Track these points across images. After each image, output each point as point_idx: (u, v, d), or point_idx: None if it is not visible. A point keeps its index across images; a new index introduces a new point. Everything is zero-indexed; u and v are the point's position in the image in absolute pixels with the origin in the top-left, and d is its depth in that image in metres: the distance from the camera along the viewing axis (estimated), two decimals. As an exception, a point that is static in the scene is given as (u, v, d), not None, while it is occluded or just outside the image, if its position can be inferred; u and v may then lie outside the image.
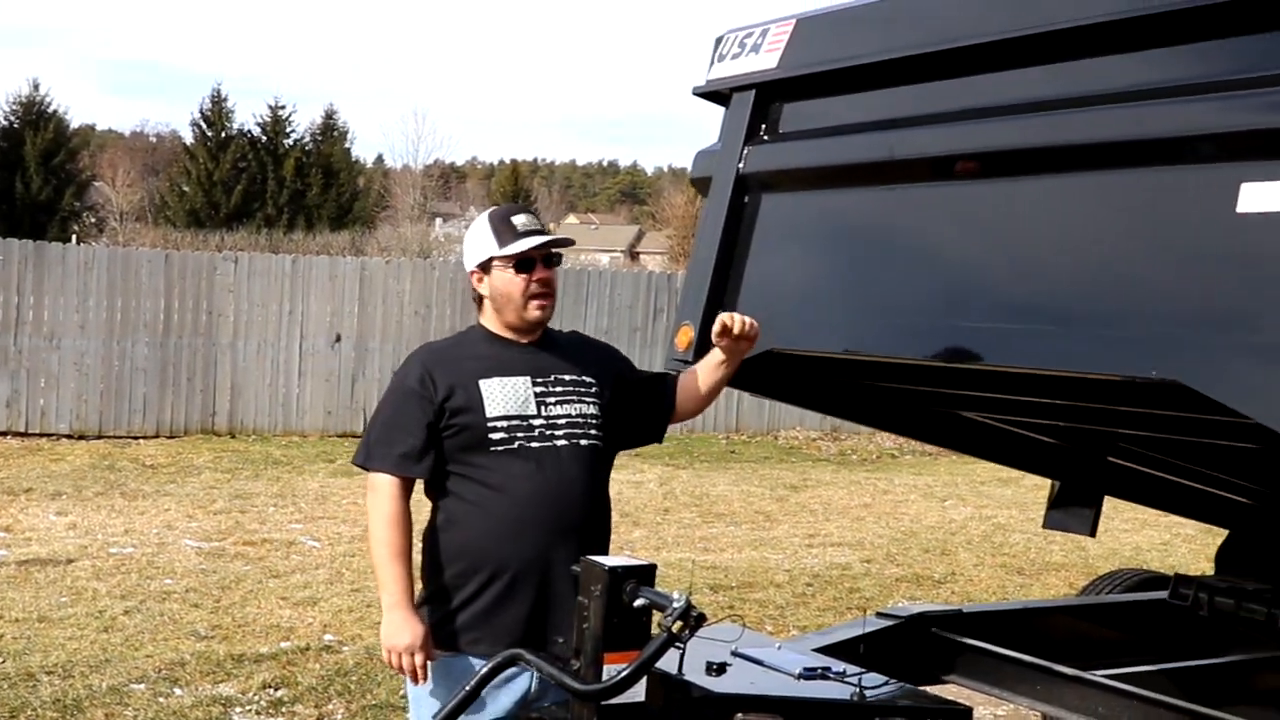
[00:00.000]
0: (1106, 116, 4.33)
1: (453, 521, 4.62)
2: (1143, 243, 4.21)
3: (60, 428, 19.48)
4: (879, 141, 5.14)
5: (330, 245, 40.67)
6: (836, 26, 5.52)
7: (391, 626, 4.52)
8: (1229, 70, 4.06)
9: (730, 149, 5.66)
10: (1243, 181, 3.88)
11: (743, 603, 11.02)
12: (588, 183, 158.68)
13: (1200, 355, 3.94)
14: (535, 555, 4.50)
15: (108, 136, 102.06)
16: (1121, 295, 4.24)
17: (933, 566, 13.17)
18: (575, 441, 4.61)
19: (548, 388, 4.63)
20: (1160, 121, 4.17)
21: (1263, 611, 5.91)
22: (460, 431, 4.54)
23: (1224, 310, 3.94)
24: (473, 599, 4.55)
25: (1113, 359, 4.24)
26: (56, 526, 13.11)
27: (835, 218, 5.45)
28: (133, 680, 8.22)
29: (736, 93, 5.73)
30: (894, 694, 4.42)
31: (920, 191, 5.05)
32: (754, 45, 5.65)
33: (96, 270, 19.69)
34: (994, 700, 6.16)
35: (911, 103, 5.11)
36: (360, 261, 22.20)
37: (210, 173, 55.89)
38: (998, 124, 4.71)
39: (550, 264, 4.67)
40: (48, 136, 52.13)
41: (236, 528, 13.43)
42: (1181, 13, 4.13)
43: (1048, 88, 4.59)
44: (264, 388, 20.57)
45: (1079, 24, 4.40)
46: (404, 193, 69.55)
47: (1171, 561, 13.26)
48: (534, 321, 4.65)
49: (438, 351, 4.77)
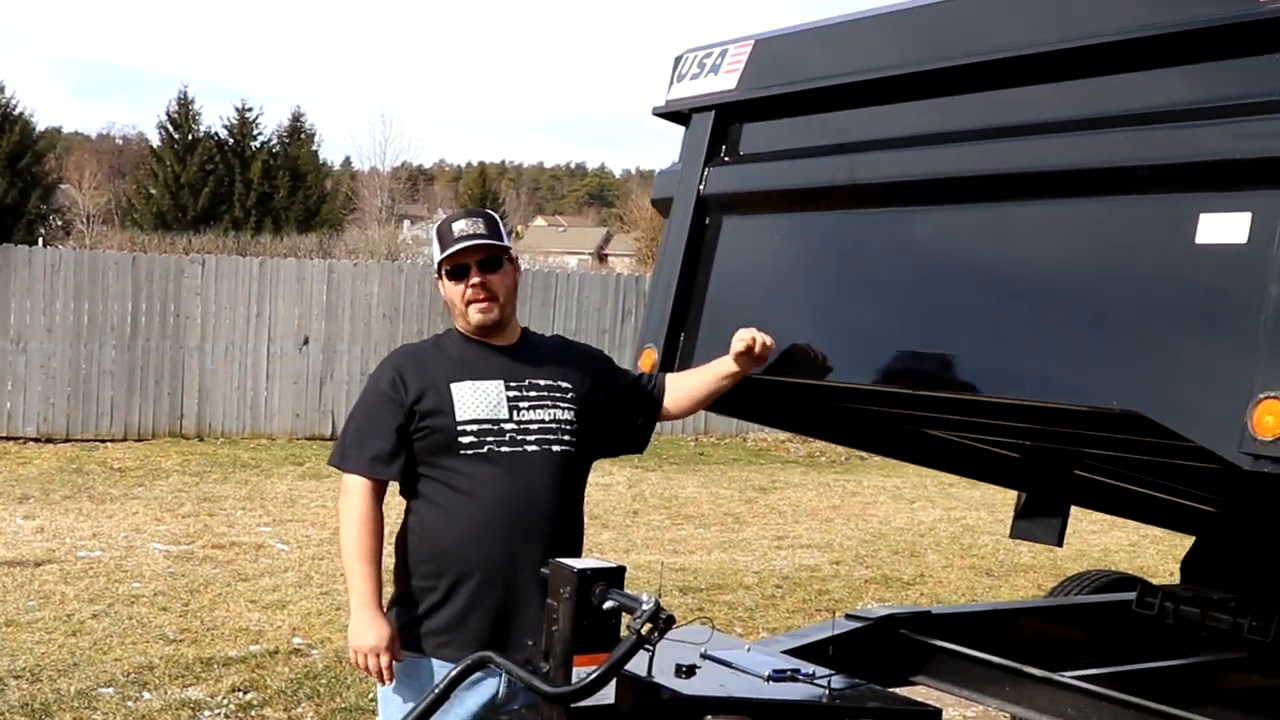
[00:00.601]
0: (1067, 144, 4.33)
1: (422, 524, 4.62)
2: (1105, 273, 4.20)
3: (27, 431, 19.40)
4: (839, 165, 5.12)
5: (298, 248, 40.50)
6: (795, 48, 5.50)
7: (358, 627, 4.53)
8: (1188, 99, 4.07)
9: (690, 170, 5.64)
10: (1202, 212, 3.89)
11: (712, 605, 11.03)
12: (556, 185, 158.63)
13: (1162, 387, 3.95)
14: (501, 560, 4.50)
15: (74, 139, 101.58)
16: (1084, 325, 4.24)
17: (901, 568, 13.20)
18: (547, 447, 4.59)
19: (521, 392, 4.62)
20: (1120, 149, 4.17)
21: (1228, 620, 5.93)
22: (430, 434, 4.54)
23: (1185, 342, 3.95)
24: (439, 602, 4.55)
25: (1074, 390, 4.25)
26: (24, 530, 13.06)
27: (797, 241, 5.42)
28: (101, 684, 8.20)
29: (696, 113, 5.71)
30: (863, 696, 4.44)
31: (882, 217, 5.04)
32: (713, 66, 5.62)
33: (63, 273, 19.62)
34: (963, 701, 6.18)
35: (872, 126, 5.10)
36: (328, 264, 22.15)
37: (177, 175, 55.62)
38: (959, 149, 4.70)
39: (488, 268, 4.62)
40: (13, 139, 51.78)
41: (205, 531, 13.40)
42: (1140, 41, 4.13)
43: (1008, 114, 4.59)
44: (232, 390, 20.53)
45: (1039, 50, 4.40)
46: (372, 195, 69.36)
47: (1140, 563, 13.31)
48: (477, 326, 4.63)
49: (412, 354, 4.76)
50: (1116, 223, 4.17)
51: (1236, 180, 3.83)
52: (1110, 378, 4.10)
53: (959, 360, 4.63)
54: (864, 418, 6.03)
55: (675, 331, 5.48)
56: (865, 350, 5.00)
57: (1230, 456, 3.68)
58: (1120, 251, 4.16)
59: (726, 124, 5.62)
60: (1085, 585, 7.49)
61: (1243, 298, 3.76)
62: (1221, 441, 3.72)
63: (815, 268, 5.31)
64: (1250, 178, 3.80)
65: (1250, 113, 3.85)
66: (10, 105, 53.02)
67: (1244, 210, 3.80)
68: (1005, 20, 4.63)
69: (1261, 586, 5.89)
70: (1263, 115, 3.80)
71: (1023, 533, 6.69)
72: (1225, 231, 3.83)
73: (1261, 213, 3.76)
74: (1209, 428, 3.79)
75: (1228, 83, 3.98)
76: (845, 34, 5.29)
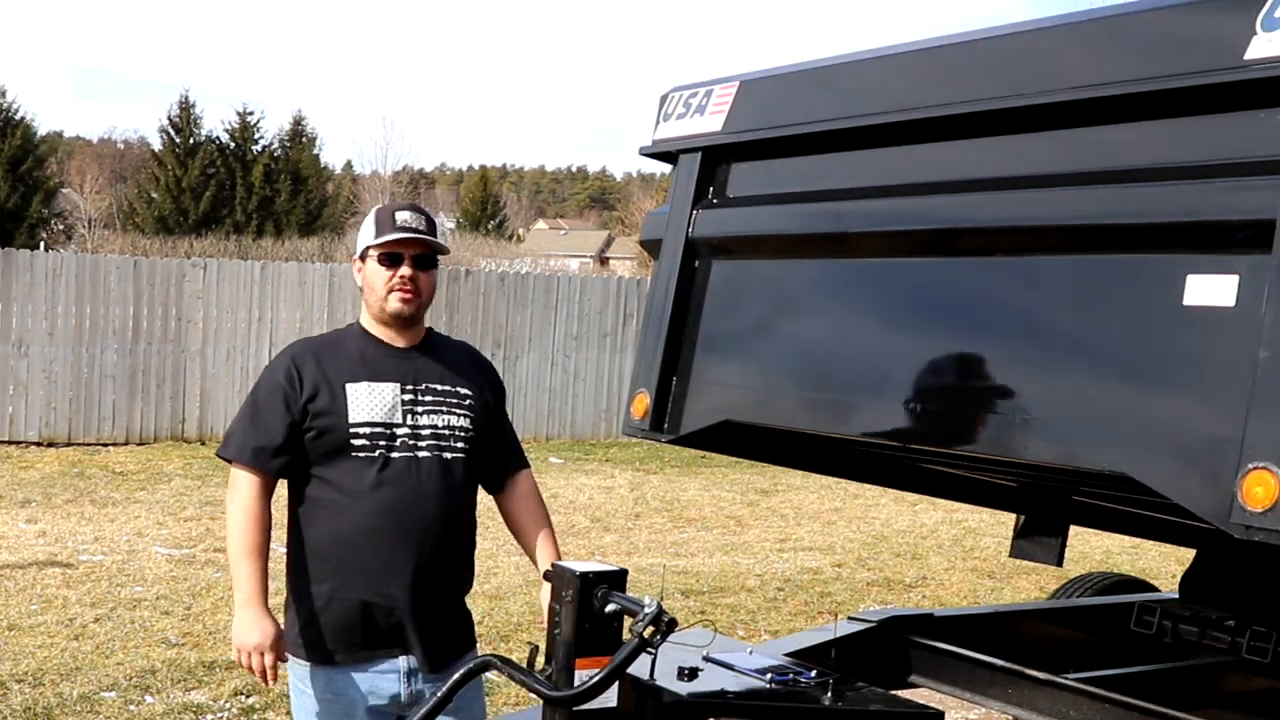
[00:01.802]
0: (1054, 198, 4.30)
1: (307, 524, 4.59)
2: (1094, 330, 4.18)
3: (29, 435, 19.41)
4: (827, 213, 5.10)
5: (299, 251, 40.53)
6: (780, 90, 5.46)
7: (240, 625, 4.50)
8: (1176, 157, 4.03)
9: (679, 211, 5.60)
10: (1189, 273, 3.86)
11: (714, 608, 11.03)
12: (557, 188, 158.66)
13: (1151, 451, 3.92)
14: (382, 565, 4.45)
15: (76, 143, 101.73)
16: (1073, 384, 4.21)
17: (904, 571, 13.20)
18: (439, 454, 4.54)
19: (417, 396, 4.56)
20: (1107, 206, 4.14)
21: (1226, 640, 5.92)
22: (322, 434, 4.49)
23: (1174, 405, 3.91)
24: (323, 607, 4.53)
25: (1063, 450, 4.23)
26: (26, 534, 13.07)
27: (787, 288, 5.39)
28: (103, 688, 8.20)
29: (683, 154, 5.66)
30: (865, 698, 4.43)
31: (869, 267, 5.01)
32: (699, 106, 5.57)
33: (65, 277, 19.63)
34: (965, 704, 6.17)
35: (859, 174, 5.07)
36: (329, 268, 22.13)
37: (179, 179, 55.67)
38: (948, 201, 4.67)
39: (421, 264, 4.58)
40: (15, 143, 51.81)
41: (207, 534, 13.39)
42: (1127, 97, 4.10)
43: (998, 167, 4.57)
44: (233, 394, 20.49)
45: (1027, 103, 4.37)
46: (373, 199, 69.31)
47: (1142, 565, 13.31)
48: (394, 315, 4.56)
49: (310, 348, 4.69)
50: (1106, 280, 4.15)
51: (1223, 242, 3.80)
52: (1099, 439, 4.08)
53: (945, 416, 4.61)
54: (855, 453, 6.00)
55: (667, 376, 5.45)
56: (856, 404, 4.97)
57: (1221, 525, 3.64)
58: (1110, 310, 4.13)
59: (714, 165, 5.58)
60: (1087, 587, 7.49)
61: (1230, 362, 3.72)
62: (1212, 509, 3.69)
63: (804, 315, 5.27)
64: (1237, 240, 3.77)
65: (1237, 173, 3.81)
66: (12, 109, 53.07)
67: (1231, 273, 3.77)
68: (995, 70, 4.60)
69: (1261, 605, 5.87)
70: (1249, 176, 3.77)
71: (1022, 552, 6.70)
72: (1212, 294, 3.80)
73: (1248, 276, 3.73)
74: (1199, 495, 3.76)
75: (1215, 142, 3.94)
76: (831, 78, 5.27)
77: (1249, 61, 3.72)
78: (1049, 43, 4.47)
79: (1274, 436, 3.55)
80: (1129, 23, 4.28)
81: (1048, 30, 4.51)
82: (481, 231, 68.24)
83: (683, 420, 5.54)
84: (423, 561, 4.44)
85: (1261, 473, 3.53)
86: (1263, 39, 3.70)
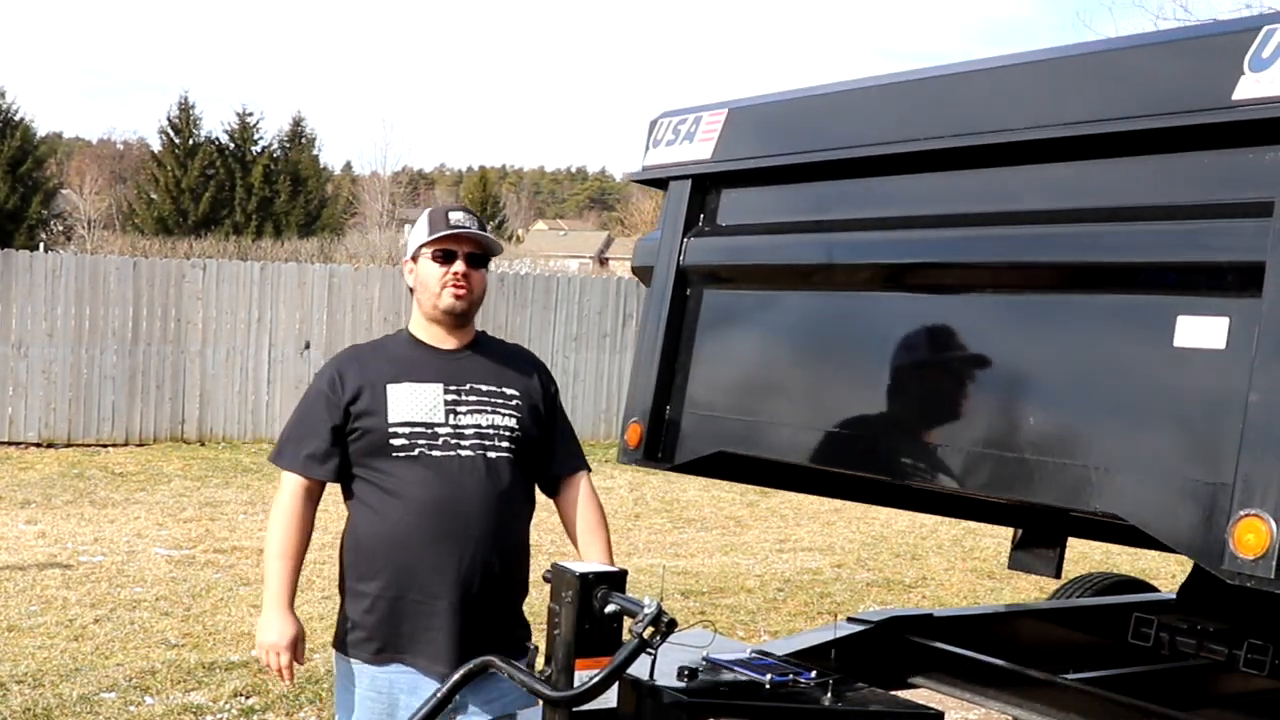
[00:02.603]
0: (1047, 235, 4.28)
1: (354, 526, 4.65)
2: (1087, 370, 4.15)
3: (29, 436, 19.42)
4: (818, 245, 5.08)
5: (299, 252, 40.49)
6: (769, 118, 5.44)
7: (264, 623, 4.60)
8: (1166, 197, 4.00)
9: (670, 239, 5.57)
10: (1180, 314, 3.83)
11: (714, 608, 11.03)
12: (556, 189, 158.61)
13: (1143, 493, 3.90)
14: (425, 564, 4.48)
15: (75, 144, 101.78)
16: (1065, 425, 4.20)
17: (903, 571, 13.20)
18: (482, 453, 4.55)
19: (460, 396, 4.59)
20: (1099, 244, 4.11)
21: (1223, 652, 5.91)
22: (363, 435, 4.54)
23: (1166, 447, 3.89)
24: (369, 606, 4.57)
25: (1055, 491, 4.19)
26: (25, 535, 13.07)
27: (781, 318, 5.37)
28: (103, 689, 8.20)
29: (673, 181, 5.64)
30: (865, 699, 4.43)
31: (861, 300, 4.99)
32: (688, 133, 5.54)
33: (64, 278, 19.64)
34: (965, 704, 6.18)
35: (850, 206, 5.05)
36: (329, 268, 22.13)
37: (178, 180, 55.73)
38: (939, 235, 4.65)
39: (474, 263, 4.61)
40: (14, 144, 51.87)
41: (207, 535, 13.40)
42: (1119, 135, 4.06)
43: (989, 201, 4.54)
44: (233, 395, 20.54)
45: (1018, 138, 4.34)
46: (372, 199, 69.50)
47: (1141, 565, 13.29)
48: (446, 311, 4.59)
49: (355, 354, 4.75)
50: (1099, 319, 4.12)
51: (1214, 284, 3.77)
52: (1091, 480, 4.05)
53: (938, 453, 4.58)
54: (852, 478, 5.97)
55: (660, 406, 5.43)
56: (850, 439, 4.95)
57: (1214, 570, 3.62)
58: (1103, 349, 4.11)
59: (704, 193, 5.56)
60: (1087, 588, 7.48)
61: (1221, 406, 3.70)
62: (1204, 554, 3.67)
63: (797, 346, 5.25)
64: (1227, 282, 3.74)
65: (1227, 215, 3.78)
66: (11, 110, 53.13)
67: (1221, 315, 3.75)
68: (986, 104, 4.56)
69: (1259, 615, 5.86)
70: (1239, 218, 3.73)
71: (1020, 564, 6.69)
72: (1203, 336, 3.77)
73: (1239, 319, 3.70)
74: (1191, 539, 3.74)
75: (1205, 182, 3.92)
76: (820, 107, 5.25)
77: (1237, 102, 3.69)
78: (1041, 77, 4.45)
79: (1265, 483, 3.51)
80: (1120, 59, 4.25)
81: (1040, 64, 4.49)
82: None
83: (677, 450, 5.53)
84: (466, 560, 4.46)
85: (1253, 520, 3.50)
86: (1250, 79, 3.66)
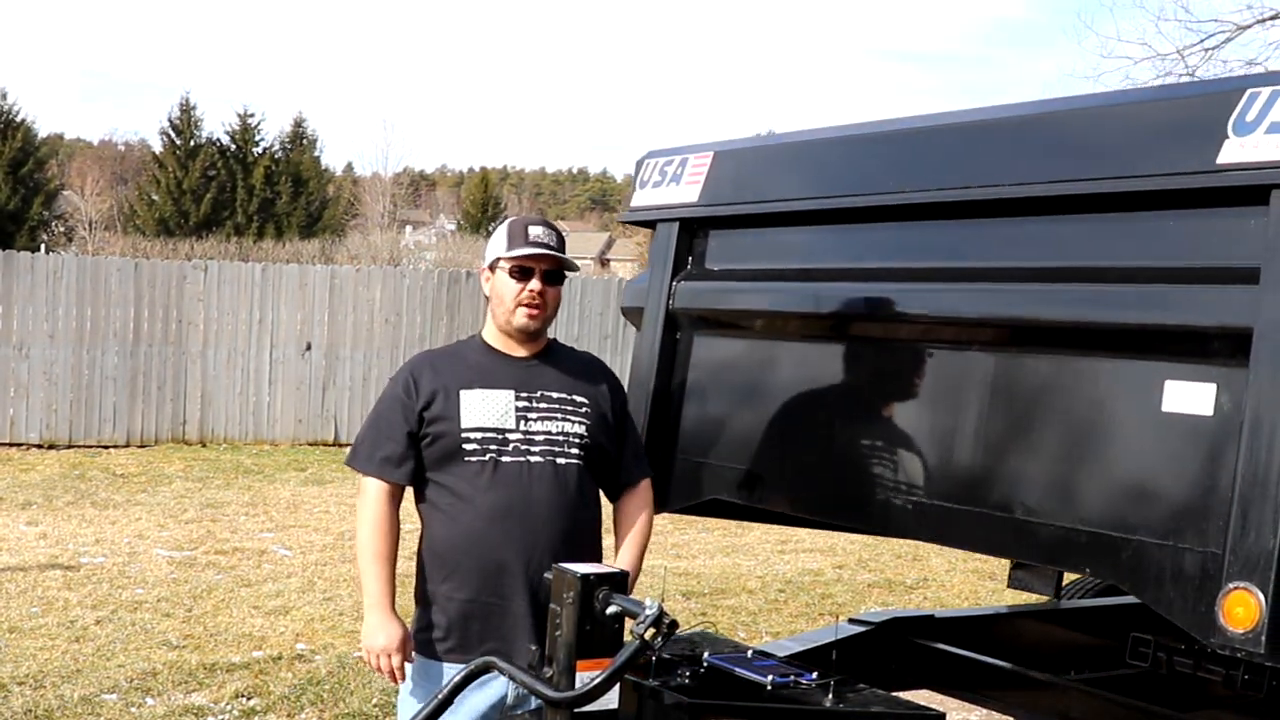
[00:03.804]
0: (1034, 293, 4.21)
1: (429, 530, 4.68)
2: (1078, 432, 4.09)
3: (30, 437, 19.42)
4: (804, 292, 5.04)
5: (300, 253, 40.51)
6: (755, 162, 5.42)
7: (369, 627, 4.61)
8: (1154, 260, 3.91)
9: (659, 281, 5.56)
10: (1167, 379, 3.77)
11: (715, 609, 11.04)
12: (557, 190, 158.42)
13: (1134, 559, 3.84)
14: (495, 568, 4.53)
15: (76, 145, 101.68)
16: (1056, 485, 4.14)
17: (905, 572, 13.18)
18: (552, 459, 4.60)
19: (531, 403, 4.62)
20: (1089, 305, 4.03)
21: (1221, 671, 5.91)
22: (436, 440, 4.58)
23: (1155, 514, 3.82)
24: (443, 607, 4.60)
25: (1046, 552, 4.17)
26: (27, 536, 13.06)
27: (772, 365, 5.32)
28: (104, 690, 8.20)
29: (660, 223, 5.61)
30: (867, 700, 4.43)
31: (850, 349, 4.96)
32: (674, 175, 5.51)
33: (66, 279, 19.64)
34: (966, 705, 6.18)
35: (836, 255, 5.02)
36: (330, 269, 22.13)
37: (179, 181, 55.73)
38: (923, 289, 4.60)
39: (550, 280, 4.64)
40: (16, 146, 51.89)
41: (208, 537, 13.40)
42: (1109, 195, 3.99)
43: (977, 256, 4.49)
44: (234, 396, 20.54)
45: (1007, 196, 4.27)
46: (373, 200, 69.50)
47: (1142, 566, 13.29)
48: (519, 329, 4.64)
49: (429, 359, 4.79)
50: (1089, 379, 4.06)
51: (1201, 349, 3.71)
52: (1082, 541, 4.00)
53: (934, 511, 4.52)
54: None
55: (652, 450, 5.36)
56: (841, 492, 4.93)
57: (1203, 639, 3.59)
58: (1094, 410, 4.04)
59: (692, 236, 5.53)
60: (1088, 588, 7.48)
61: (1210, 475, 3.65)
62: (1193, 624, 3.62)
63: (786, 394, 5.21)
64: (1214, 348, 3.68)
65: (1214, 280, 3.71)
66: (12, 112, 53.15)
67: (1208, 382, 3.69)
68: (973, 157, 4.49)
69: None
70: (1226, 284, 3.66)
71: (1020, 583, 6.69)
72: (1190, 402, 3.71)
73: (1226, 386, 3.64)
74: (1181, 608, 3.68)
75: (1192, 246, 3.84)
76: (807, 153, 5.22)
77: (1222, 166, 3.61)
78: (1028, 132, 4.38)
79: (1254, 557, 3.46)
80: (1109, 115, 4.19)
81: (1026, 119, 4.44)
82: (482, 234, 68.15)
83: (670, 495, 5.54)
84: (535, 563, 4.48)
85: (1242, 593, 3.46)
86: (1234, 143, 3.59)
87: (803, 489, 5.09)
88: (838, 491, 4.96)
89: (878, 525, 4.83)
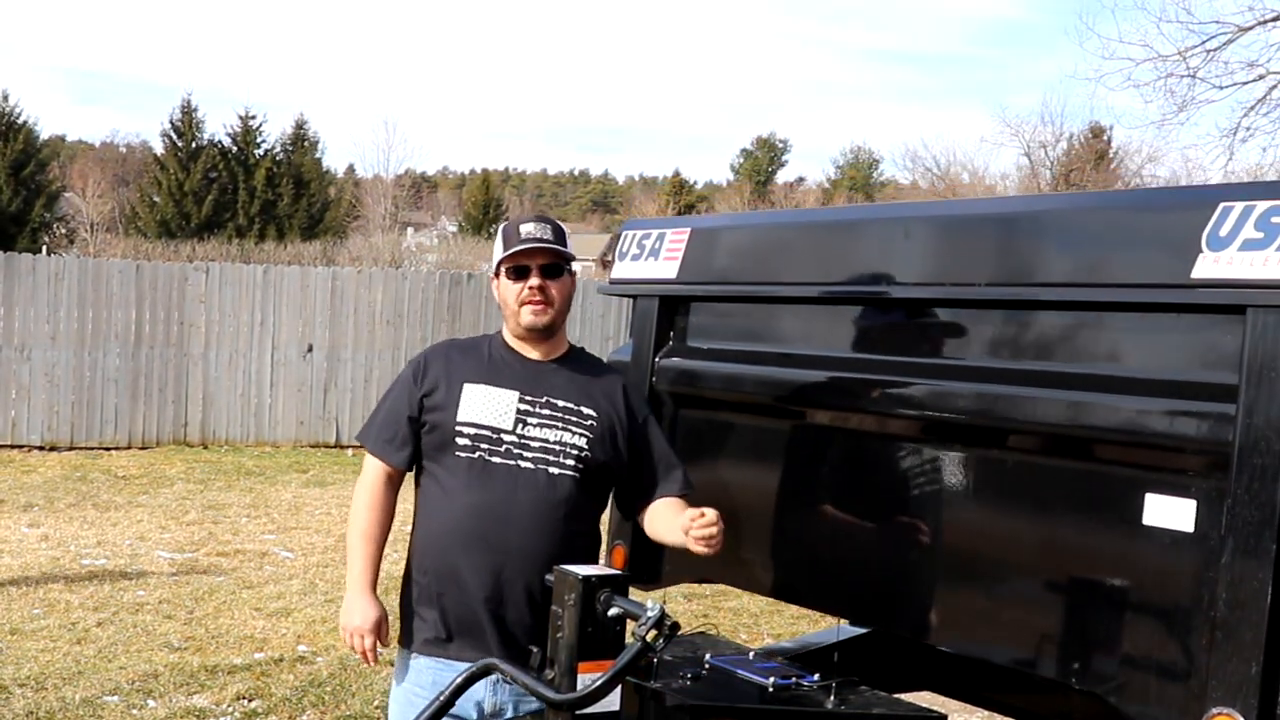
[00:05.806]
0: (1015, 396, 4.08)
1: (416, 517, 4.66)
2: (1061, 541, 4.00)
3: (31, 439, 19.44)
4: (784, 379, 4.94)
5: (301, 255, 40.47)
6: (731, 242, 5.37)
7: (346, 606, 4.62)
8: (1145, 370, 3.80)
9: (641, 356, 5.49)
10: (1148, 491, 3.69)
11: (717, 611, 11.04)
12: (559, 192, 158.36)
13: (1119, 674, 3.80)
14: (467, 567, 4.46)
15: (78, 147, 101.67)
16: (1038, 594, 4.09)
17: (906, 574, 13.16)
18: (543, 467, 4.50)
19: (533, 407, 4.55)
20: (1074, 412, 3.90)
21: None
22: (433, 429, 4.55)
23: (1140, 630, 3.77)
24: (418, 598, 4.58)
25: (1029, 659, 4.12)
26: (28, 538, 13.07)
27: (754, 446, 5.26)
28: (106, 692, 8.21)
29: (640, 299, 5.55)
30: (868, 702, 4.44)
31: (830, 435, 4.87)
32: (653, 249, 5.45)
33: (67, 281, 19.65)
34: (968, 707, 6.18)
35: (816, 342, 4.94)
36: (332, 271, 22.13)
37: (181, 183, 55.69)
38: (906, 384, 4.48)
39: (549, 273, 4.57)
40: (17, 148, 51.89)
41: (209, 539, 13.41)
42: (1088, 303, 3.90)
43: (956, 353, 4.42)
44: (236, 398, 20.55)
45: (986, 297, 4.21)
46: (375, 202, 69.45)
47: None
48: (527, 327, 4.57)
49: (447, 348, 4.78)
50: (1071, 485, 3.98)
51: (1180, 464, 3.62)
52: (1069, 654, 3.96)
53: (925, 610, 4.46)
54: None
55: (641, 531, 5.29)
56: (834, 582, 4.87)
57: None
58: (1077, 521, 3.95)
59: (672, 313, 5.46)
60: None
61: (1192, 594, 3.58)
62: None
63: (770, 478, 5.12)
64: (1193, 463, 3.60)
65: (1192, 395, 3.62)
66: (14, 113, 53.17)
67: (1189, 497, 3.61)
68: (951, 252, 4.42)
69: None
70: (1204, 400, 3.57)
71: None
72: (1171, 516, 3.63)
73: (1206, 503, 3.56)
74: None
75: (1171, 358, 3.75)
76: (786, 237, 5.18)
77: (1196, 281, 3.53)
78: (1011, 229, 4.29)
79: (1235, 681, 3.40)
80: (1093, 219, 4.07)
81: (1008, 217, 4.40)
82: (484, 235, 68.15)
83: (661, 574, 5.45)
84: (508, 571, 4.42)
85: (1224, 719, 3.40)
86: (1209, 258, 3.50)
87: (786, 575, 5.02)
88: (815, 578, 4.93)
89: (872, 619, 4.83)
